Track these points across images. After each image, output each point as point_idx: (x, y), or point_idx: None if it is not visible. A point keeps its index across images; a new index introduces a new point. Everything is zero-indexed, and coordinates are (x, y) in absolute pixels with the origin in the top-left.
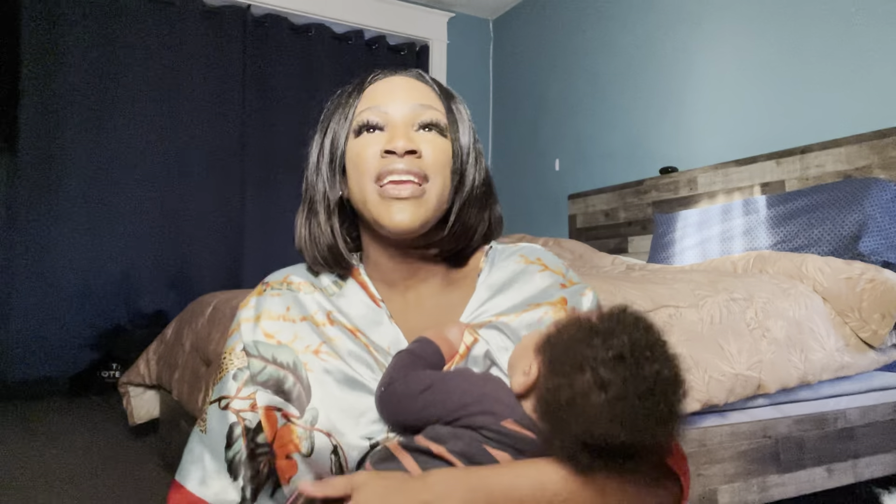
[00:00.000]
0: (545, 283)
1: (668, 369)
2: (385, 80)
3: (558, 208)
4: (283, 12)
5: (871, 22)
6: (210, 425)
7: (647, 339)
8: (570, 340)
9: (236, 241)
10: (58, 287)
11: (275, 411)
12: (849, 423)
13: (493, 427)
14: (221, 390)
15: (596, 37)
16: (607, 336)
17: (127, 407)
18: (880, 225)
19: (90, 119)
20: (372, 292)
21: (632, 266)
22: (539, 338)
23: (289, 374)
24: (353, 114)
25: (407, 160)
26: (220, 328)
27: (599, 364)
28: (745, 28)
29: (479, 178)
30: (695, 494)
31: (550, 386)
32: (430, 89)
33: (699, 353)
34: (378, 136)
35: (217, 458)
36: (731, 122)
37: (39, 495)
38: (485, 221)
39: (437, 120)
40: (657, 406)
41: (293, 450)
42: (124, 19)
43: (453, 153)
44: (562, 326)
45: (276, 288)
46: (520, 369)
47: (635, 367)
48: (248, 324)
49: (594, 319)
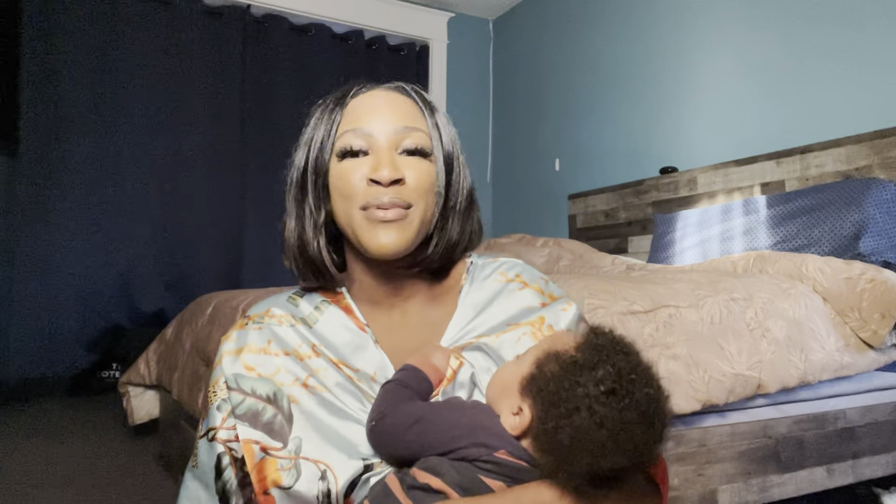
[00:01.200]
0: (525, 301)
1: (653, 387)
2: (367, 95)
3: (558, 208)
4: (283, 12)
5: (871, 22)
6: (200, 459)
7: (628, 363)
8: (556, 379)
9: (236, 241)
10: (58, 287)
11: (253, 444)
12: (849, 423)
13: (486, 458)
14: (208, 423)
15: (596, 37)
16: (592, 369)
17: (127, 407)
18: (880, 225)
19: (90, 119)
20: (356, 316)
21: (632, 266)
22: (522, 378)
23: (268, 406)
24: (336, 131)
25: (391, 190)
26: (220, 328)
27: (593, 402)
28: (745, 28)
29: (464, 192)
30: (695, 494)
31: (549, 428)
32: (413, 103)
33: (699, 353)
34: (362, 161)
35: (209, 491)
36: (731, 122)
37: (39, 495)
38: (466, 233)
39: (420, 145)
40: (653, 426)
41: (270, 485)
42: (124, 19)
43: (437, 172)
44: (543, 364)
45: (257, 321)
46: (506, 409)
47: (627, 397)
48: (229, 357)
49: (573, 352)
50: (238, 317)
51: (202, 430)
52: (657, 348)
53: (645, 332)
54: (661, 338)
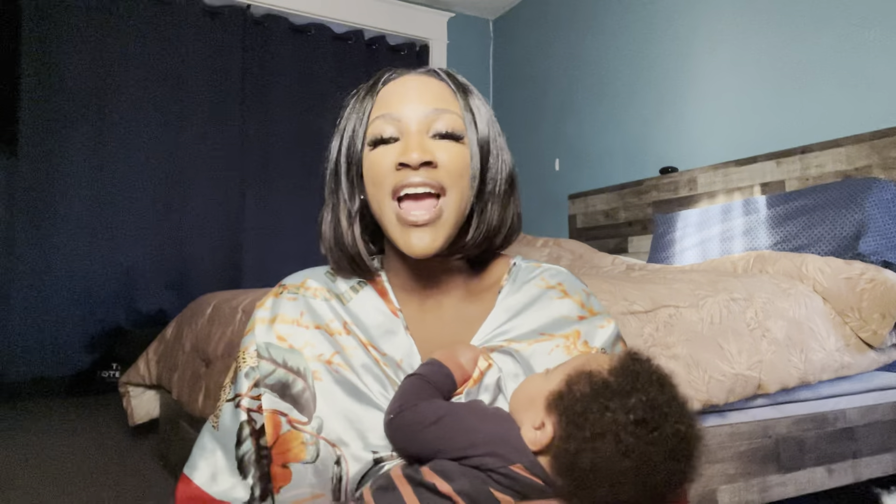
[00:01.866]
0: (562, 311)
1: (685, 425)
2: (398, 80)
3: (558, 208)
4: (283, 12)
5: (871, 22)
6: (223, 421)
7: (663, 395)
8: (585, 400)
9: (236, 241)
10: (58, 287)
11: (279, 416)
12: (849, 423)
13: (501, 471)
14: (235, 388)
15: (596, 37)
16: (624, 396)
17: (127, 407)
18: (880, 225)
19: (90, 119)
20: (391, 300)
21: (632, 266)
22: (550, 393)
23: (298, 378)
24: (367, 119)
25: (422, 172)
26: (220, 328)
27: (621, 430)
28: (745, 28)
29: (503, 175)
30: (695, 494)
31: (570, 449)
32: (445, 86)
33: (699, 353)
34: (392, 147)
35: (228, 455)
36: (731, 122)
37: (39, 495)
38: (507, 220)
39: (452, 128)
40: (678, 466)
41: (291, 458)
42: (124, 19)
43: (471, 156)
44: (573, 382)
45: (293, 292)
46: (528, 422)
47: (657, 430)
48: (262, 325)
49: (607, 375)
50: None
51: (229, 393)
52: (657, 348)
53: (645, 332)
54: (661, 338)
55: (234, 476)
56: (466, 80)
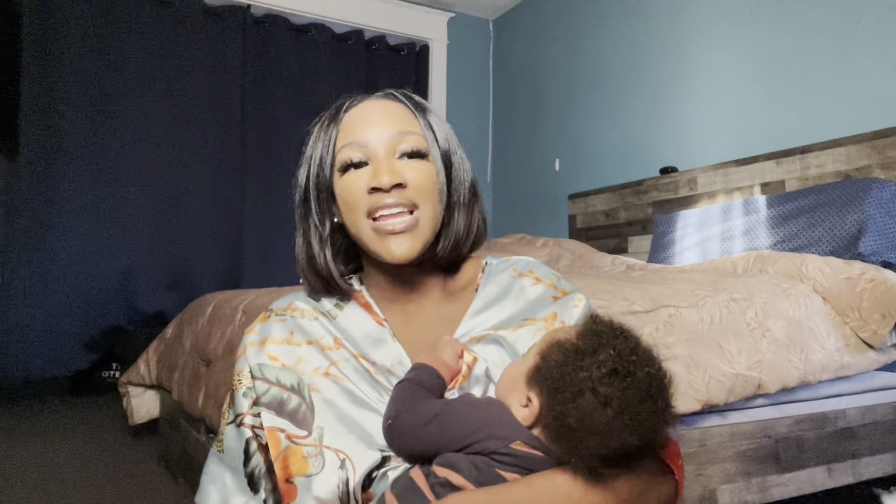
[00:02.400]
0: (537, 294)
1: (654, 367)
2: (359, 107)
3: (558, 208)
4: (283, 12)
5: (871, 22)
6: (227, 444)
7: (628, 344)
8: (559, 366)
9: (236, 241)
10: (58, 287)
11: (278, 432)
12: (849, 423)
13: (502, 450)
14: (235, 409)
15: (596, 37)
16: (593, 353)
17: (127, 407)
18: (880, 225)
19: (90, 119)
20: (375, 312)
21: (632, 266)
22: (527, 370)
23: (293, 395)
24: (334, 147)
25: (394, 194)
26: (220, 328)
27: (596, 383)
28: (745, 28)
29: (466, 185)
30: (695, 494)
31: (556, 413)
32: (404, 107)
33: (699, 353)
34: (363, 172)
35: (237, 474)
36: (731, 122)
37: (40, 495)
38: (473, 226)
39: (417, 147)
40: (657, 404)
41: (294, 473)
42: (124, 19)
43: (437, 171)
44: (546, 354)
45: (280, 314)
46: (516, 401)
47: (629, 376)
48: (253, 348)
49: (574, 340)
50: (239, 315)
51: (229, 416)
52: (657, 348)
53: (645, 332)
54: (661, 338)
55: (244, 494)
56: (422, 99)
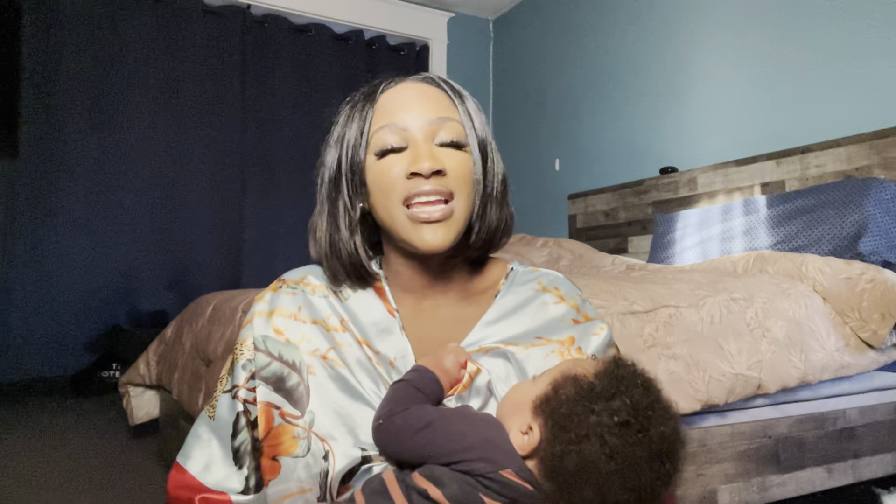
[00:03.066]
0: (557, 313)
1: (669, 427)
2: (397, 88)
3: (558, 208)
4: (283, 12)
5: (871, 22)
6: (219, 412)
7: (647, 398)
8: (570, 403)
9: (236, 241)
10: (58, 287)
11: (272, 408)
12: (849, 423)
13: (491, 475)
14: (233, 380)
15: (596, 36)
16: (609, 399)
17: (127, 407)
18: (880, 225)
19: (90, 119)
20: (388, 300)
21: (632, 266)
22: (535, 397)
23: (293, 372)
24: (369, 129)
25: (433, 181)
26: (220, 328)
27: (605, 431)
28: (745, 28)
29: (499, 177)
30: (695, 494)
31: (556, 452)
32: (443, 93)
33: (699, 353)
34: (401, 156)
35: (224, 445)
36: (731, 122)
37: (40, 495)
38: (503, 220)
39: (456, 136)
40: (664, 467)
41: (282, 452)
42: (124, 19)
43: (474, 161)
44: (559, 386)
45: (292, 287)
46: (516, 426)
47: (641, 432)
48: (260, 318)
49: (592, 379)
50: (239, 315)
51: (227, 384)
52: (657, 348)
53: (645, 332)
54: (661, 338)
55: (229, 466)
56: (460, 86)
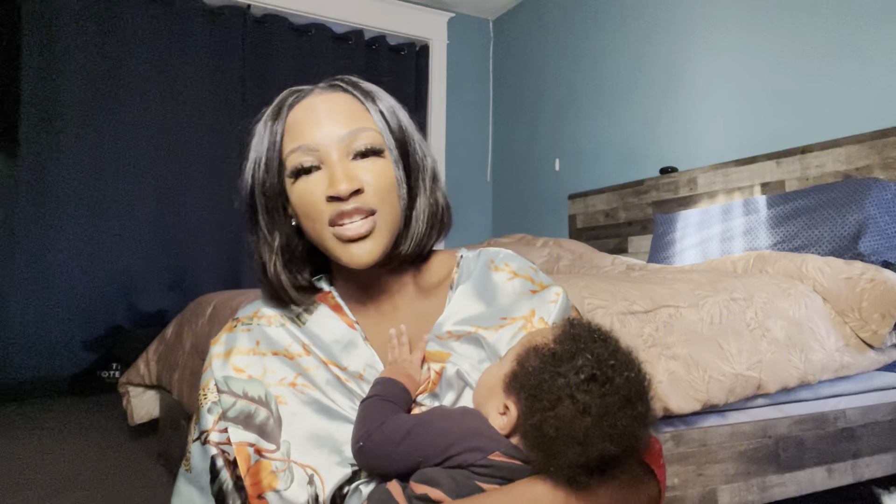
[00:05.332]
0: (514, 288)
1: (633, 371)
2: (304, 105)
3: (558, 208)
4: (283, 12)
5: (872, 22)
6: (193, 462)
7: (606, 349)
8: (537, 373)
9: (236, 241)
10: (58, 287)
11: (247, 447)
12: (849, 423)
13: (481, 462)
14: (200, 426)
15: (596, 37)
16: (570, 359)
17: (127, 407)
18: (880, 225)
19: (90, 119)
20: (346, 314)
21: (632, 266)
22: (504, 376)
23: (260, 407)
24: (280, 151)
25: (353, 200)
26: (220, 328)
27: (574, 390)
28: (745, 28)
29: (426, 172)
30: (695, 494)
31: (534, 421)
32: (352, 98)
33: (699, 353)
34: (316, 177)
35: (204, 494)
36: (731, 122)
37: (39, 495)
38: (437, 216)
39: (371, 144)
40: (636, 409)
41: (265, 488)
42: (124, 19)
43: (394, 163)
44: (523, 360)
45: (246, 323)
46: (493, 409)
47: (608, 382)
48: (218, 360)
49: (552, 345)
50: None
51: (195, 433)
52: (657, 348)
53: (645, 332)
54: (661, 338)
55: None
56: (370, 84)
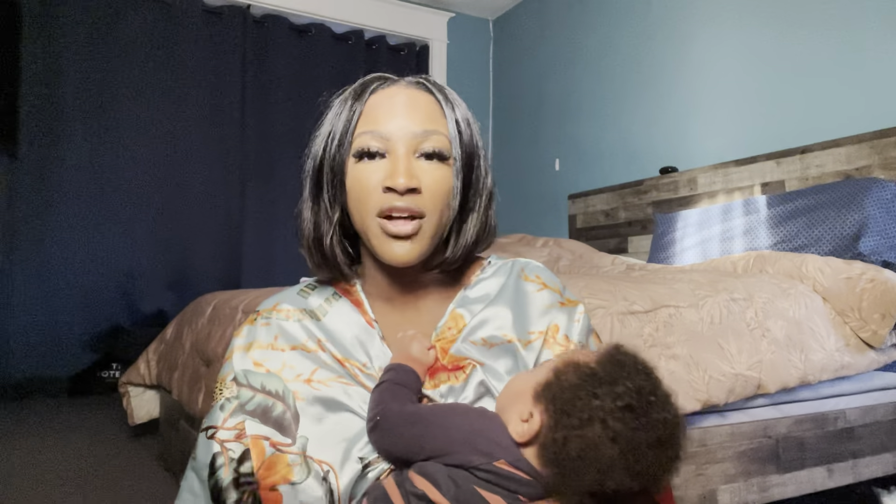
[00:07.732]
0: (544, 301)
1: (670, 413)
2: (387, 92)
3: (558, 208)
4: (283, 12)
5: (871, 22)
6: (198, 453)
7: (649, 384)
8: (573, 388)
9: (236, 241)
10: (58, 287)
11: (262, 440)
12: (849, 423)
13: (485, 467)
14: (209, 420)
15: (596, 36)
16: (611, 384)
17: (127, 407)
18: (880, 225)
19: (90, 119)
20: (366, 311)
21: (632, 266)
22: (537, 384)
23: (278, 402)
24: (353, 129)
25: (407, 198)
26: (220, 328)
27: (608, 415)
28: (746, 28)
29: (484, 192)
30: (695, 494)
31: (558, 437)
32: (434, 101)
33: (699, 353)
34: (379, 164)
35: (203, 484)
36: (731, 122)
37: (39, 495)
38: (483, 233)
39: (439, 149)
40: (666, 453)
41: (279, 481)
42: (124, 20)
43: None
44: (561, 373)
45: (266, 317)
46: (516, 415)
47: (644, 417)
48: (239, 353)
49: (594, 364)
50: (239, 315)
51: (204, 424)
52: (657, 348)
53: (645, 332)
54: (661, 338)
55: None
56: (453, 93)
